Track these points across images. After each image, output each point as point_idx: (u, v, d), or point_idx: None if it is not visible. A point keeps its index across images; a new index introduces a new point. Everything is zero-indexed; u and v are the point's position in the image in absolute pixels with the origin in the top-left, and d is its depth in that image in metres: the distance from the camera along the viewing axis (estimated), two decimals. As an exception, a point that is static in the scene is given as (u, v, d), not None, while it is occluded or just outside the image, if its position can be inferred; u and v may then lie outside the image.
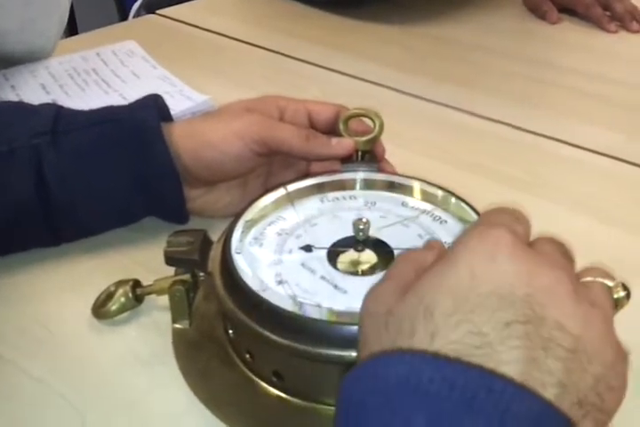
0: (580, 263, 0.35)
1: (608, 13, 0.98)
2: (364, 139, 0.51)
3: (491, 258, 0.30)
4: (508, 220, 0.33)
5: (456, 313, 0.29)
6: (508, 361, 0.27)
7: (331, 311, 0.38)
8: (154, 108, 0.52)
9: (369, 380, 0.28)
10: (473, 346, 0.28)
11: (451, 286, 0.30)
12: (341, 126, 0.51)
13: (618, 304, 0.33)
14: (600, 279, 0.33)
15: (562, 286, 0.30)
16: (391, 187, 0.49)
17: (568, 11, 1.02)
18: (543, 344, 0.28)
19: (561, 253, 0.33)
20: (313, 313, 0.38)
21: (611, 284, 0.33)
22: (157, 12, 1.02)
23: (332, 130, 0.52)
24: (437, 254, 0.34)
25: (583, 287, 0.32)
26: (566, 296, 0.30)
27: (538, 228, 0.55)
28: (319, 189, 0.49)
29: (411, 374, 0.27)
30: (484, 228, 0.32)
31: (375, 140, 0.51)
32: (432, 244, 0.36)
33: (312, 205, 0.48)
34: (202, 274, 0.46)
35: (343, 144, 0.50)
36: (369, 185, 0.49)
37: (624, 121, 0.74)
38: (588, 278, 0.33)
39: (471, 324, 0.28)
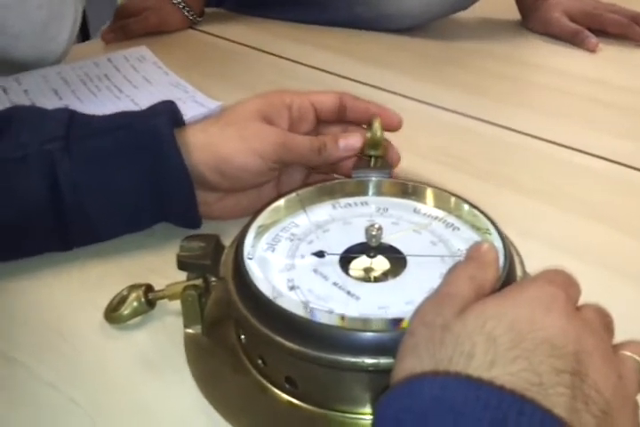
0: (595, 273, 0.35)
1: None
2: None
3: (547, 309, 0.32)
4: (565, 281, 0.35)
5: (515, 348, 0.30)
6: (556, 404, 0.28)
7: (343, 317, 0.38)
8: (167, 114, 0.52)
9: (404, 398, 0.29)
10: (528, 382, 0.29)
11: (512, 322, 0.31)
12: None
13: None
14: (636, 357, 0.34)
15: (599, 352, 0.32)
16: (403, 193, 0.49)
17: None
18: (584, 399, 0.29)
19: (603, 323, 0.35)
20: (325, 319, 0.37)
21: None
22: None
23: (336, 117, 0.56)
24: (496, 274, 0.37)
25: (617, 359, 0.33)
26: (602, 363, 0.31)
27: (552, 235, 0.55)
28: (331, 195, 0.49)
29: (446, 393, 0.28)
30: (544, 282, 0.34)
31: (378, 142, 0.53)
32: (488, 259, 0.37)
33: (324, 211, 0.48)
34: (214, 279, 0.46)
35: (349, 146, 0.53)
36: (381, 191, 0.49)
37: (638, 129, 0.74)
38: (626, 353, 0.34)
39: (527, 362, 0.30)
